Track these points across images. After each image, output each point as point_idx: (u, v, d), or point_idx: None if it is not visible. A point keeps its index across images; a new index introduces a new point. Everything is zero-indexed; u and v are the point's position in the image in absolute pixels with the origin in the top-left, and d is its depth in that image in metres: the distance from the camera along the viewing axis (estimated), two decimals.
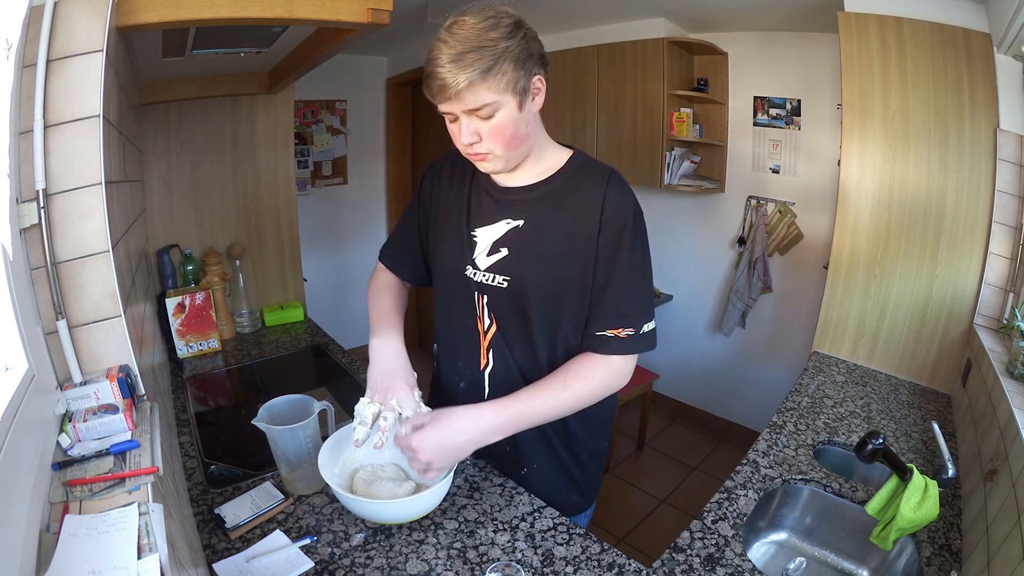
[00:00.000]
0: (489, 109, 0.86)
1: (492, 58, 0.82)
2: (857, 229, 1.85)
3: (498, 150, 0.91)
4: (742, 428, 3.13)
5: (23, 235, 0.74)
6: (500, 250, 1.00)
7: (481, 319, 1.05)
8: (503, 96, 0.86)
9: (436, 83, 0.84)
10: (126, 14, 0.91)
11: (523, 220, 0.99)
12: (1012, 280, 1.57)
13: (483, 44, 0.82)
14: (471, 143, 0.90)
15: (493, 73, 0.83)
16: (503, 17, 0.86)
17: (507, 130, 0.89)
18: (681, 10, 2.68)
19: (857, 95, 1.77)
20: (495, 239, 1.01)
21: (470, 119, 0.88)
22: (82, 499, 0.65)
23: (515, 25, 0.86)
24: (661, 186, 2.86)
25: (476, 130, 0.89)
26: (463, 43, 0.82)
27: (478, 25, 0.83)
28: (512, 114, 0.88)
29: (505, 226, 1.00)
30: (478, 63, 0.82)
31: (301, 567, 0.90)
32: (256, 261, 2.16)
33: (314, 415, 1.06)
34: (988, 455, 1.13)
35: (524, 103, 0.89)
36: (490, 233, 1.01)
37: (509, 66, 0.84)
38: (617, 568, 0.93)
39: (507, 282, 1.00)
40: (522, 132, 0.91)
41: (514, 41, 0.85)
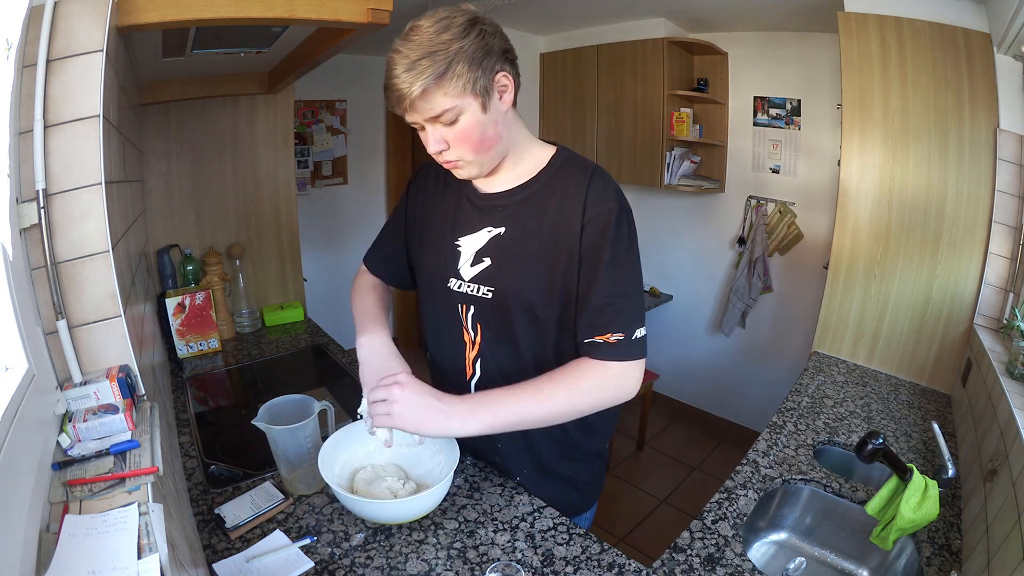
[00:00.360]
0: (450, 115, 0.83)
1: (444, 62, 0.79)
2: (857, 229, 1.85)
3: (468, 156, 0.88)
4: (742, 428, 3.13)
5: (23, 235, 0.74)
6: (483, 260, 0.97)
7: (467, 329, 1.01)
8: (462, 100, 0.82)
9: (393, 94, 0.82)
10: (126, 14, 0.91)
11: (504, 227, 0.96)
12: (1012, 280, 1.57)
13: (435, 48, 0.79)
14: (439, 151, 0.87)
15: (447, 77, 0.80)
16: (456, 16, 0.82)
17: (473, 134, 0.85)
18: (681, 10, 2.68)
19: (857, 95, 1.77)
20: (478, 248, 0.98)
21: (434, 127, 0.85)
22: (82, 499, 0.65)
23: (468, 23, 0.82)
24: (661, 186, 2.86)
25: (442, 137, 0.86)
26: (416, 49, 0.79)
27: (431, 28, 0.80)
28: (476, 117, 0.84)
29: (487, 234, 0.97)
30: (430, 69, 0.79)
31: (301, 567, 0.90)
32: (256, 261, 2.16)
33: (314, 415, 1.06)
34: (988, 455, 1.13)
35: (488, 103, 0.84)
36: (473, 242, 0.98)
37: (464, 68, 0.80)
38: (617, 568, 0.93)
39: (492, 292, 0.97)
40: (491, 134, 0.87)
41: (468, 40, 0.81)
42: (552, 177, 0.95)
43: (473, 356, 1.03)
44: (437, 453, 1.08)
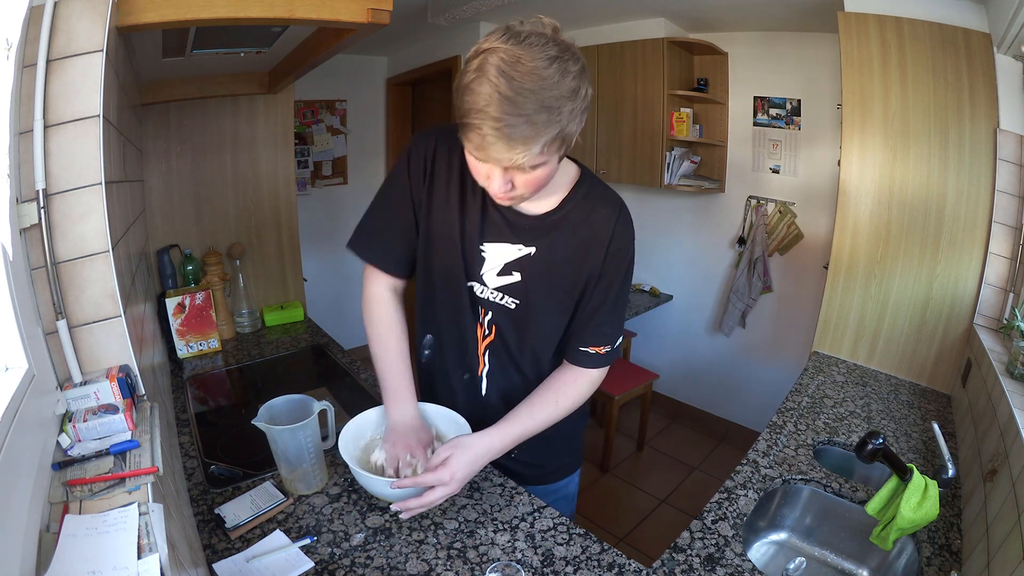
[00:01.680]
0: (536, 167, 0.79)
1: (556, 127, 0.72)
2: (857, 229, 1.85)
3: (528, 195, 0.87)
4: (742, 428, 3.13)
5: (23, 235, 0.74)
6: (512, 273, 1.01)
7: (481, 326, 1.08)
8: (552, 157, 0.79)
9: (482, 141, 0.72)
10: (126, 14, 0.91)
11: (535, 248, 0.99)
12: (1012, 280, 1.57)
13: (549, 104, 0.70)
14: (505, 191, 0.83)
15: (555, 141, 0.74)
16: (569, 61, 0.73)
17: (543, 181, 0.84)
18: (681, 10, 2.68)
19: (857, 95, 1.77)
20: (507, 261, 1.01)
21: (508, 171, 0.80)
22: (82, 499, 0.65)
23: (581, 73, 0.74)
24: (661, 186, 2.86)
25: (511, 180, 0.82)
26: (527, 97, 0.69)
27: (544, 70, 0.69)
28: (553, 167, 0.83)
29: (517, 251, 1.00)
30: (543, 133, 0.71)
31: (301, 567, 0.90)
32: (256, 261, 2.16)
33: (314, 415, 1.06)
34: (988, 455, 1.13)
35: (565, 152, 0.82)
36: (501, 253, 1.00)
37: (574, 126, 0.75)
38: (617, 568, 0.93)
39: (516, 305, 1.03)
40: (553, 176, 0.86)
41: (578, 100, 0.74)
42: (581, 203, 0.99)
43: (483, 349, 1.10)
44: None
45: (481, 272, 1.03)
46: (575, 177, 1.00)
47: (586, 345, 1.04)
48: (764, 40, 2.70)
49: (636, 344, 3.39)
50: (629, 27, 2.87)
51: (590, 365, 1.05)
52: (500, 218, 0.99)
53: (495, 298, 1.04)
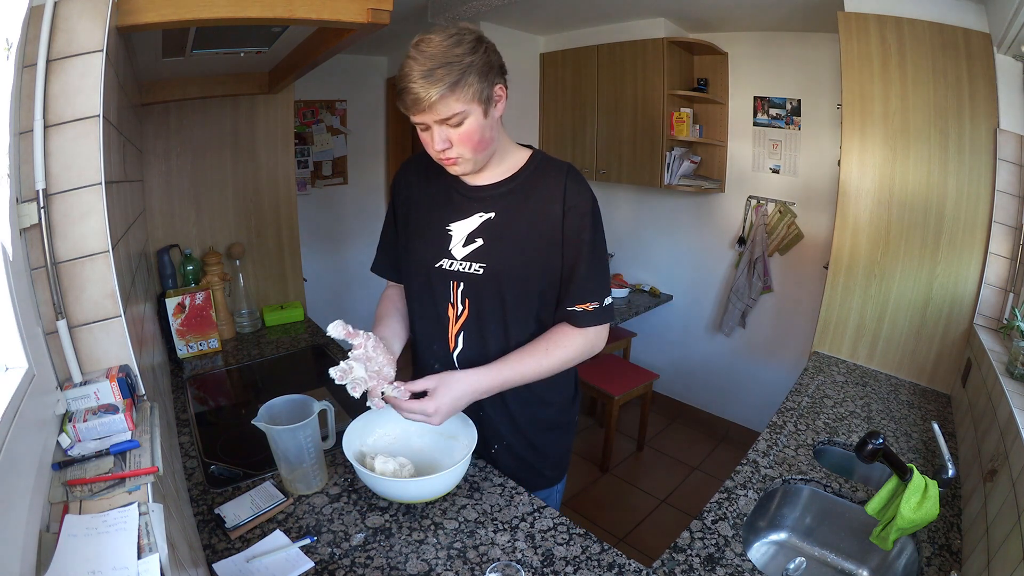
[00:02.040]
0: (458, 118, 0.94)
1: (459, 72, 0.91)
2: (857, 229, 1.85)
3: (467, 154, 1.00)
4: (742, 428, 3.13)
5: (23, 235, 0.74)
6: (475, 240, 1.09)
7: (454, 305, 1.12)
8: (470, 106, 0.94)
9: (409, 97, 0.92)
10: (126, 14, 0.91)
11: (495, 212, 1.08)
12: (1012, 280, 1.57)
13: (449, 60, 0.90)
14: (443, 149, 0.98)
15: (460, 86, 0.91)
16: (466, 34, 0.94)
17: (475, 136, 0.97)
18: (681, 10, 2.68)
19: (857, 95, 1.77)
20: (470, 231, 1.09)
21: (441, 128, 0.96)
22: (82, 499, 0.65)
23: (477, 40, 0.95)
24: (661, 186, 2.86)
25: (447, 137, 0.97)
26: (431, 59, 0.90)
27: (444, 42, 0.91)
28: (479, 121, 0.97)
29: (478, 219, 1.09)
30: (446, 77, 0.90)
31: (301, 567, 0.90)
32: (256, 261, 2.16)
33: (314, 415, 1.06)
34: (988, 455, 1.13)
35: (488, 111, 0.97)
36: (464, 226, 1.10)
37: (474, 79, 0.93)
38: (617, 568, 0.93)
39: (483, 268, 1.08)
40: (488, 137, 1.00)
41: (477, 56, 0.93)
42: (533, 172, 1.10)
43: (456, 330, 1.13)
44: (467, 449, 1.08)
45: (450, 248, 1.10)
46: (528, 155, 1.12)
47: (572, 303, 1.08)
48: (764, 40, 2.70)
49: (636, 344, 3.39)
50: (629, 27, 2.87)
51: (581, 323, 1.09)
52: (461, 198, 1.11)
53: (464, 268, 1.09)
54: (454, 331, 1.13)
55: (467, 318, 1.12)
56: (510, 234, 1.08)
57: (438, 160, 1.04)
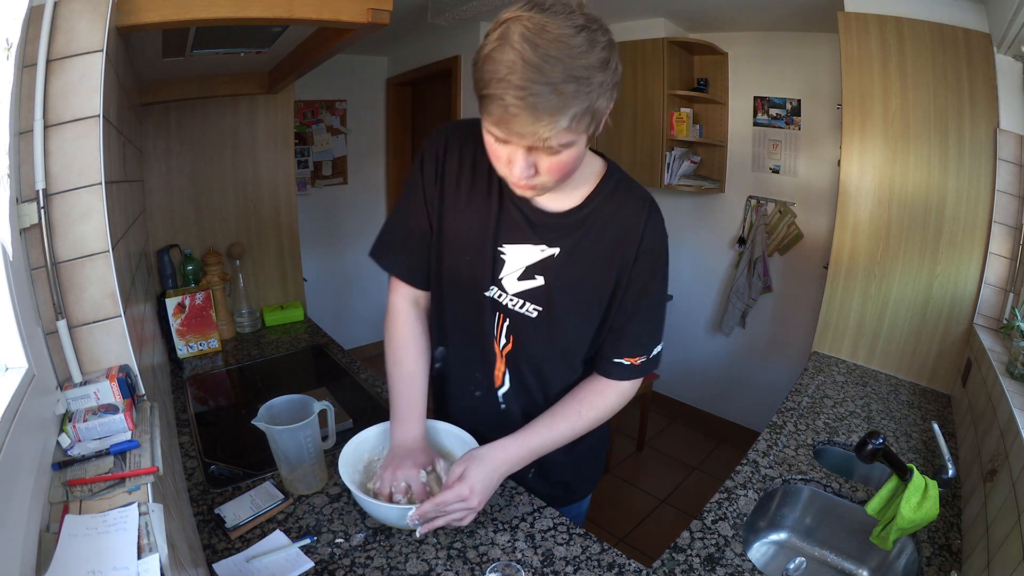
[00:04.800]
0: (562, 148, 0.71)
1: (586, 98, 0.66)
2: (857, 229, 1.85)
3: (550, 184, 0.78)
4: (742, 428, 3.13)
5: (23, 235, 0.74)
6: (534, 277, 0.92)
7: (498, 339, 1.00)
8: (580, 136, 0.71)
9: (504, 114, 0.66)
10: (126, 14, 0.91)
11: (559, 248, 0.91)
12: (1012, 280, 1.57)
13: (578, 74, 0.64)
14: (527, 176, 0.75)
15: (584, 115, 0.67)
16: (598, 32, 0.68)
17: (569, 167, 0.76)
18: (681, 10, 2.68)
19: (857, 95, 1.77)
20: (529, 264, 0.92)
21: (531, 153, 0.73)
22: (82, 499, 0.65)
23: (611, 44, 0.70)
24: (661, 186, 2.86)
25: (535, 163, 0.74)
26: (554, 66, 0.63)
27: (572, 39, 0.64)
28: (580, 151, 0.75)
29: (540, 252, 0.91)
30: (572, 104, 0.65)
31: (301, 567, 0.90)
32: (256, 261, 2.15)
33: (314, 415, 1.06)
34: (988, 455, 1.13)
35: (592, 136, 0.75)
36: (522, 256, 0.92)
37: (603, 102, 0.69)
38: (617, 568, 0.93)
39: (537, 312, 0.94)
40: (579, 164, 0.79)
41: (609, 72, 0.68)
42: (608, 199, 0.91)
43: (502, 364, 1.02)
44: None
45: (500, 276, 0.94)
46: (601, 171, 0.92)
47: (620, 356, 0.95)
48: (764, 40, 2.70)
49: None
50: (629, 27, 2.87)
51: (622, 377, 0.97)
52: (520, 216, 0.90)
53: (514, 305, 0.95)
54: (500, 365, 1.01)
55: (512, 351, 1.00)
56: (575, 277, 0.92)
57: (505, 177, 0.80)
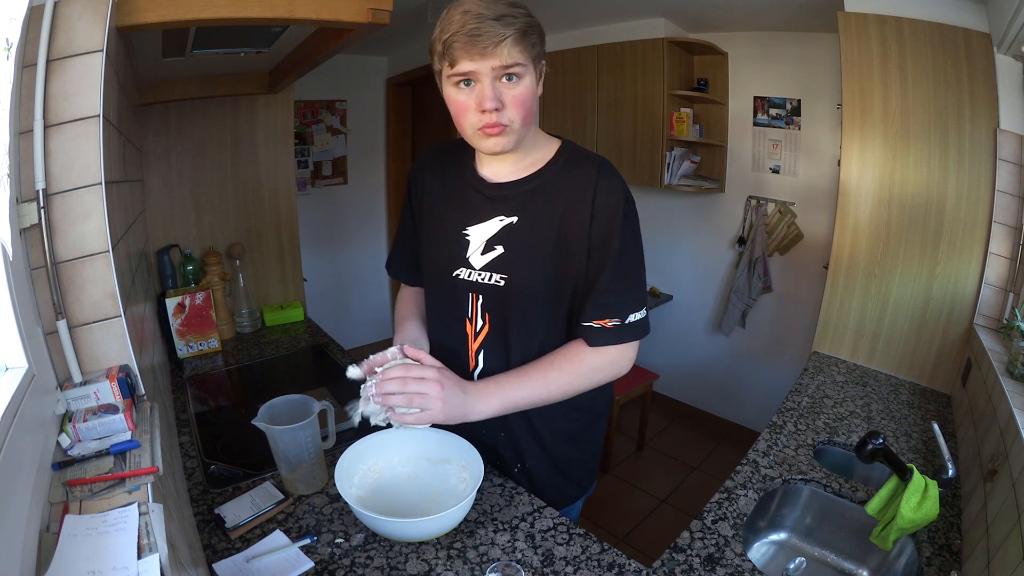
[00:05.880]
0: (518, 70, 0.85)
1: (526, 23, 0.85)
2: (857, 229, 1.85)
3: (516, 122, 0.89)
4: (742, 428, 3.13)
5: (23, 235, 0.74)
6: (495, 247, 0.98)
7: (473, 320, 1.03)
8: (529, 64, 0.87)
9: (468, 40, 0.82)
10: (126, 14, 0.91)
11: (516, 216, 0.97)
12: (1012, 280, 1.57)
13: (514, 13, 0.84)
14: (494, 108, 0.86)
15: (528, 36, 0.85)
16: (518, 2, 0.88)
17: (527, 101, 0.89)
18: (681, 10, 2.68)
19: (857, 95, 1.77)
20: (488, 236, 0.99)
21: (495, 83, 0.86)
22: (82, 499, 0.65)
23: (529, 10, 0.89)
24: (661, 186, 2.86)
25: (499, 95, 0.86)
26: (495, 7, 0.83)
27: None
28: (532, 86, 0.89)
29: (498, 223, 0.98)
30: (516, 22, 0.83)
31: (301, 567, 0.90)
32: (256, 261, 2.16)
33: (314, 415, 1.06)
34: (988, 455, 1.13)
35: (538, 80, 0.91)
36: (483, 231, 0.99)
37: (536, 38, 0.87)
38: (617, 568, 0.93)
39: (504, 280, 0.98)
40: (533, 110, 0.92)
41: (535, 19, 0.88)
42: (561, 168, 0.98)
43: (476, 347, 1.04)
44: (463, 469, 1.05)
45: (467, 255, 1.00)
46: (557, 147, 1.01)
47: (588, 320, 0.96)
48: (764, 40, 2.70)
49: None
50: (629, 27, 2.87)
51: (596, 342, 0.96)
52: (480, 197, 1.00)
53: (482, 279, 0.99)
54: (474, 348, 1.04)
55: (488, 334, 1.02)
56: (534, 241, 0.96)
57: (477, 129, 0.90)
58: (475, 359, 1.05)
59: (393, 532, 0.94)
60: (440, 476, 1.06)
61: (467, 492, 0.96)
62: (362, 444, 1.06)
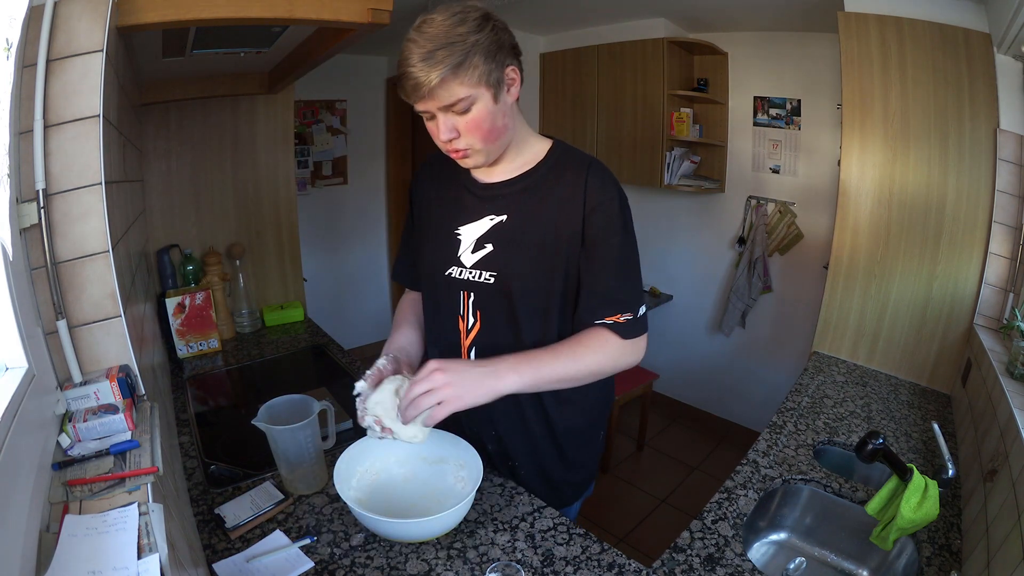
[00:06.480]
0: (464, 104, 0.86)
1: (462, 53, 0.82)
2: (857, 229, 1.85)
3: (477, 144, 0.91)
4: (742, 428, 3.13)
5: (23, 235, 0.74)
6: (485, 246, 1.00)
7: (464, 318, 1.04)
8: (476, 90, 0.85)
9: (409, 83, 0.83)
10: (126, 14, 0.91)
11: (506, 215, 0.99)
12: (1012, 280, 1.57)
13: (452, 40, 0.82)
14: (449, 139, 0.90)
15: (464, 68, 0.83)
16: (470, 11, 0.86)
17: (484, 124, 0.89)
18: (681, 10, 2.68)
19: (857, 95, 1.77)
20: (479, 235, 1.01)
21: (446, 116, 0.88)
22: (82, 499, 0.65)
23: (483, 18, 0.86)
24: (661, 186, 2.86)
25: (453, 126, 0.88)
26: (432, 40, 0.82)
27: (446, 22, 0.83)
28: (488, 107, 0.88)
29: (489, 222, 1.00)
30: (448, 59, 0.82)
31: (301, 567, 0.90)
32: (256, 261, 2.16)
33: (314, 415, 1.06)
34: (988, 455, 1.13)
35: (499, 95, 0.89)
36: (474, 230, 1.01)
37: (480, 59, 0.84)
38: (617, 568, 0.93)
39: (494, 277, 0.99)
40: (500, 124, 0.91)
41: (483, 34, 0.85)
42: (551, 168, 0.99)
43: (468, 344, 1.05)
44: (460, 469, 1.05)
45: (459, 254, 1.02)
46: (548, 147, 1.02)
47: (601, 317, 0.96)
48: (764, 40, 2.70)
49: None
50: (629, 27, 2.87)
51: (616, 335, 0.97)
52: (472, 198, 1.02)
53: (473, 276, 1.01)
54: (466, 345, 1.05)
55: (479, 331, 1.03)
56: (523, 239, 0.97)
57: (446, 152, 0.94)
58: (468, 356, 1.06)
59: (393, 533, 0.94)
60: (438, 476, 1.07)
61: (465, 492, 0.96)
62: (359, 446, 1.06)
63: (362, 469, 1.07)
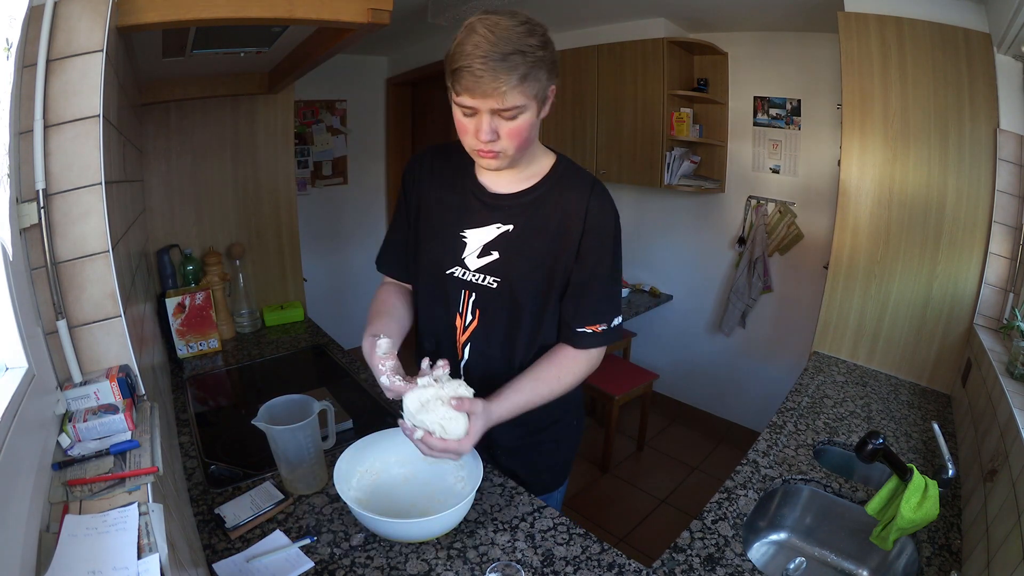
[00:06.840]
0: (515, 112, 0.89)
1: (531, 64, 0.86)
2: (857, 229, 1.85)
3: (511, 150, 0.94)
4: (742, 428, 3.13)
5: (23, 235, 0.74)
6: (491, 253, 1.05)
7: (463, 315, 1.09)
8: (530, 101, 0.89)
9: (472, 78, 0.84)
10: (126, 14, 0.91)
11: (513, 225, 1.04)
12: (1012, 280, 1.57)
13: (523, 49, 0.84)
14: (489, 140, 0.91)
15: (530, 79, 0.86)
16: (537, 26, 0.89)
17: (524, 133, 0.93)
18: (681, 10, 2.68)
19: (857, 95, 1.77)
20: (486, 242, 1.05)
21: (493, 118, 0.90)
22: (82, 499, 0.65)
23: (546, 34, 0.90)
24: (661, 186, 2.86)
25: (496, 128, 0.91)
26: (507, 44, 0.83)
27: (517, 28, 0.85)
28: (531, 118, 0.92)
29: (496, 230, 1.05)
30: (521, 67, 0.84)
31: (301, 567, 0.90)
32: (256, 261, 2.16)
33: (314, 415, 1.06)
34: (988, 455, 1.13)
35: (541, 110, 0.94)
36: (480, 235, 1.06)
37: (543, 74, 0.89)
38: (617, 568, 0.93)
39: (497, 283, 1.05)
40: (532, 135, 0.96)
41: (547, 51, 0.89)
42: (556, 183, 1.05)
43: (464, 340, 1.11)
44: (460, 468, 1.07)
45: (463, 256, 1.07)
46: (552, 162, 1.07)
47: (582, 324, 1.05)
48: (764, 40, 2.70)
49: (636, 344, 3.39)
50: (629, 27, 2.87)
51: (588, 345, 1.06)
52: (480, 204, 1.06)
53: (476, 279, 1.06)
54: (461, 341, 1.10)
55: (476, 328, 1.09)
56: (528, 249, 1.04)
57: (473, 150, 0.96)
58: (462, 351, 1.11)
59: (393, 533, 0.94)
60: (437, 476, 1.07)
61: (465, 492, 0.96)
62: (358, 446, 1.06)
63: (362, 469, 1.07)
